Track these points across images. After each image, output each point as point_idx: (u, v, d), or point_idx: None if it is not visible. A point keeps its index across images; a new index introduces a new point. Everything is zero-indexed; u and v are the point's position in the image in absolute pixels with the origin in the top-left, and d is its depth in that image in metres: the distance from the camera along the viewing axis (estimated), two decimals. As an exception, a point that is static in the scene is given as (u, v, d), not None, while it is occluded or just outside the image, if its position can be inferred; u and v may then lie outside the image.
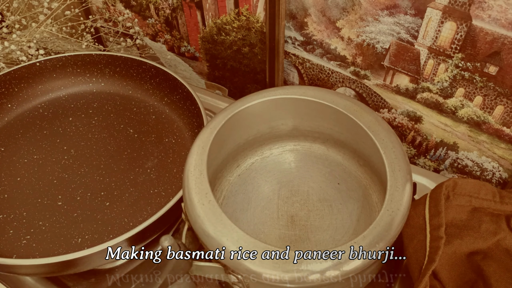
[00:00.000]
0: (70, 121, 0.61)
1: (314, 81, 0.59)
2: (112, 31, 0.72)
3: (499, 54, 0.43)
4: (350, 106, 0.44)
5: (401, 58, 0.49)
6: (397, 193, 0.37)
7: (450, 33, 0.44)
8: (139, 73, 0.63)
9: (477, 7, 0.41)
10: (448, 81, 0.48)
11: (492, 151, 0.51)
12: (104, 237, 0.48)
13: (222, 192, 0.49)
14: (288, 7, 0.52)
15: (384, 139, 0.41)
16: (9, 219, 0.49)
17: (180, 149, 0.57)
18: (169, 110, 0.62)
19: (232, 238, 0.35)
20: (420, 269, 0.38)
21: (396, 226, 0.35)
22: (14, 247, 0.47)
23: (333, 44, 0.53)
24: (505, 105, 0.47)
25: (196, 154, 0.41)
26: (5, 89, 0.60)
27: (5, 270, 0.42)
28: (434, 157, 0.57)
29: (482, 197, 0.40)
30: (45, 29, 0.64)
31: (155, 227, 0.44)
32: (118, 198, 0.51)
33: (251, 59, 0.62)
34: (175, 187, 0.53)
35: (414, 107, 0.53)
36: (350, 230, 0.45)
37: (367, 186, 0.48)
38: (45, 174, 0.54)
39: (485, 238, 0.39)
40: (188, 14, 0.62)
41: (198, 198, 0.37)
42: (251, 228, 0.46)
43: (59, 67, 0.63)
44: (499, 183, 0.54)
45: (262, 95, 0.45)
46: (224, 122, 0.43)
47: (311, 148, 0.52)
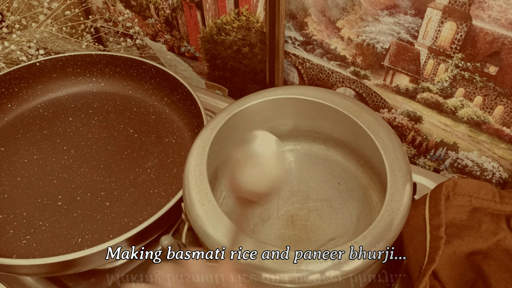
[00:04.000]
0: (70, 121, 0.61)
1: (314, 81, 0.59)
2: (112, 31, 0.72)
3: (499, 54, 0.43)
4: (350, 106, 0.44)
5: (401, 58, 0.49)
6: (397, 193, 0.37)
7: (450, 33, 0.44)
8: (139, 73, 0.63)
9: (477, 7, 0.41)
10: (448, 81, 0.48)
11: (492, 151, 0.51)
12: (104, 237, 0.48)
13: (222, 192, 0.49)
14: (288, 7, 0.52)
15: (384, 139, 0.41)
16: (9, 219, 0.49)
17: (180, 149, 0.57)
18: (169, 110, 0.62)
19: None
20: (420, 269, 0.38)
21: (396, 226, 0.35)
22: (14, 247, 0.47)
23: (333, 44, 0.53)
24: (505, 105, 0.47)
25: (196, 154, 0.41)
26: (5, 89, 0.60)
27: (5, 270, 0.42)
28: (434, 157, 0.57)
29: (482, 197, 0.41)
30: (45, 29, 0.64)
31: (155, 227, 0.44)
32: (118, 198, 0.51)
33: (251, 59, 0.62)
34: (175, 187, 0.53)
35: (414, 107, 0.53)
36: (350, 230, 0.45)
37: (367, 186, 0.48)
38: (45, 174, 0.54)
39: (485, 238, 0.39)
40: (188, 14, 0.62)
41: (198, 198, 0.37)
42: (251, 228, 0.46)
43: (59, 67, 0.63)
44: (499, 183, 0.54)
45: (262, 95, 0.45)
46: (224, 122, 0.43)
47: (311, 148, 0.52)
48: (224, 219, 0.36)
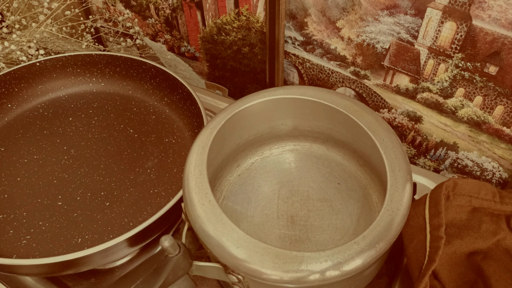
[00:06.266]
0: (70, 121, 0.61)
1: (314, 81, 0.59)
2: (112, 31, 0.72)
3: (499, 54, 0.43)
4: (350, 106, 0.44)
5: (401, 58, 0.49)
6: (397, 193, 0.37)
7: (450, 33, 0.44)
8: (139, 73, 0.63)
9: (477, 7, 0.41)
10: (448, 81, 0.48)
11: (492, 151, 0.51)
12: (104, 237, 0.48)
13: (222, 192, 0.49)
14: (288, 7, 0.52)
15: (384, 139, 0.41)
16: (9, 219, 0.49)
17: (180, 149, 0.57)
18: (169, 110, 0.62)
19: (232, 238, 0.35)
20: (420, 269, 0.38)
21: (396, 226, 0.35)
22: (14, 247, 0.47)
23: (333, 44, 0.53)
24: (505, 105, 0.47)
25: (196, 154, 0.41)
26: (5, 89, 0.60)
27: (5, 270, 0.42)
28: (434, 157, 0.57)
29: (482, 197, 0.41)
30: (45, 29, 0.64)
31: (155, 227, 0.44)
32: (118, 198, 0.51)
33: (251, 59, 0.62)
34: (175, 187, 0.53)
35: (414, 107, 0.53)
36: (350, 230, 0.45)
37: (367, 186, 0.48)
38: (45, 174, 0.54)
39: (485, 238, 0.39)
40: (188, 14, 0.62)
41: (198, 198, 0.37)
42: (251, 228, 0.46)
43: (59, 67, 0.63)
44: (499, 183, 0.54)
45: (262, 95, 0.45)
46: (224, 122, 0.43)
47: (311, 148, 0.52)
48: (224, 219, 0.36)
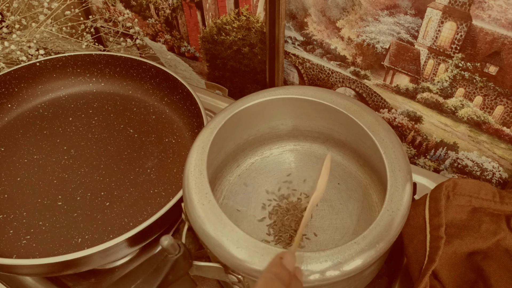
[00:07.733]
0: (70, 121, 0.61)
1: (314, 81, 0.59)
2: (112, 31, 0.72)
3: (499, 54, 0.43)
4: (350, 106, 0.44)
5: (401, 58, 0.49)
6: (397, 193, 0.37)
7: (450, 33, 0.44)
8: (139, 73, 0.63)
9: (477, 7, 0.41)
10: (448, 81, 0.48)
11: (492, 151, 0.51)
12: (104, 237, 0.48)
13: (222, 192, 0.49)
14: (288, 7, 0.52)
15: (384, 139, 0.41)
16: (9, 219, 0.49)
17: (180, 149, 0.57)
18: (169, 110, 0.62)
19: (232, 238, 0.35)
20: (420, 269, 0.38)
21: (396, 226, 0.35)
22: (14, 247, 0.47)
23: (333, 44, 0.53)
24: (505, 105, 0.47)
25: (196, 154, 0.41)
26: (5, 89, 0.60)
27: (5, 270, 0.42)
28: (434, 157, 0.57)
29: (482, 197, 0.41)
30: (45, 29, 0.64)
31: (155, 227, 0.44)
32: (118, 198, 0.51)
33: (251, 59, 0.62)
34: (175, 187, 0.53)
35: (414, 107, 0.53)
36: (350, 230, 0.45)
37: (367, 186, 0.48)
38: (45, 174, 0.54)
39: (485, 238, 0.39)
40: (188, 14, 0.62)
41: (198, 198, 0.37)
42: (251, 228, 0.46)
43: (59, 67, 0.63)
44: (499, 183, 0.54)
45: (262, 95, 0.45)
46: (224, 122, 0.43)
47: (311, 148, 0.52)
48: (224, 219, 0.36)
